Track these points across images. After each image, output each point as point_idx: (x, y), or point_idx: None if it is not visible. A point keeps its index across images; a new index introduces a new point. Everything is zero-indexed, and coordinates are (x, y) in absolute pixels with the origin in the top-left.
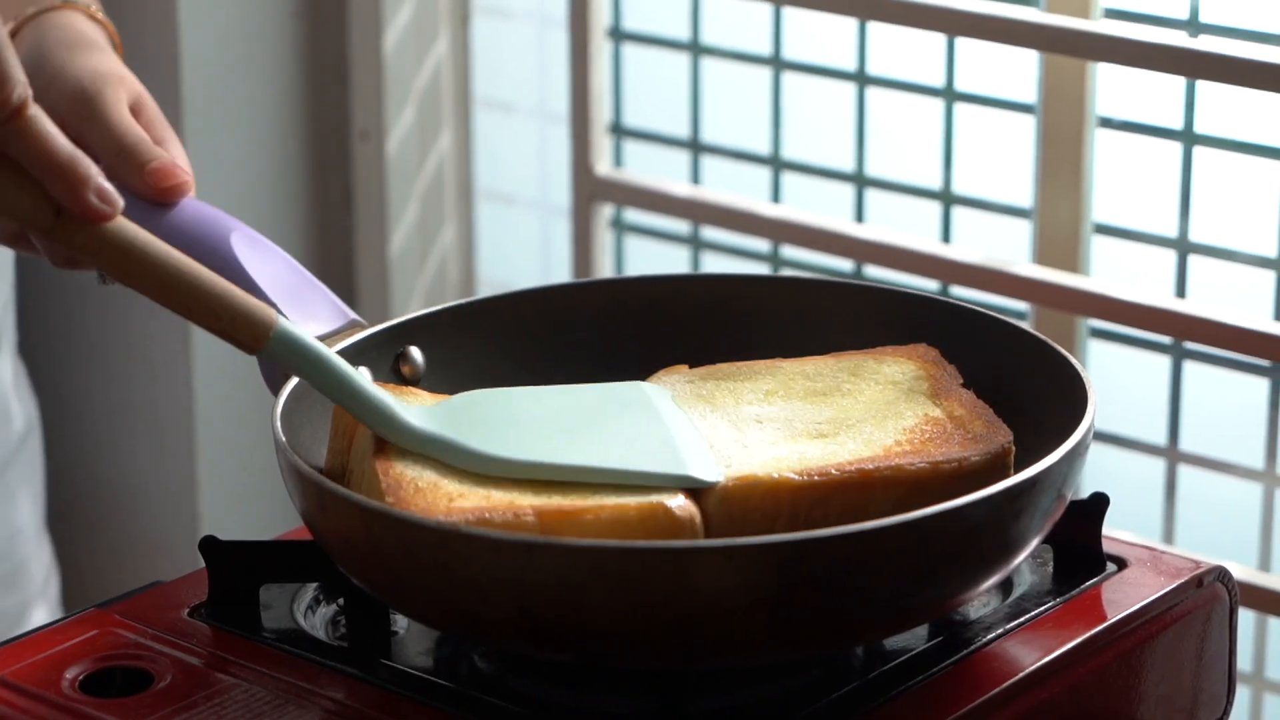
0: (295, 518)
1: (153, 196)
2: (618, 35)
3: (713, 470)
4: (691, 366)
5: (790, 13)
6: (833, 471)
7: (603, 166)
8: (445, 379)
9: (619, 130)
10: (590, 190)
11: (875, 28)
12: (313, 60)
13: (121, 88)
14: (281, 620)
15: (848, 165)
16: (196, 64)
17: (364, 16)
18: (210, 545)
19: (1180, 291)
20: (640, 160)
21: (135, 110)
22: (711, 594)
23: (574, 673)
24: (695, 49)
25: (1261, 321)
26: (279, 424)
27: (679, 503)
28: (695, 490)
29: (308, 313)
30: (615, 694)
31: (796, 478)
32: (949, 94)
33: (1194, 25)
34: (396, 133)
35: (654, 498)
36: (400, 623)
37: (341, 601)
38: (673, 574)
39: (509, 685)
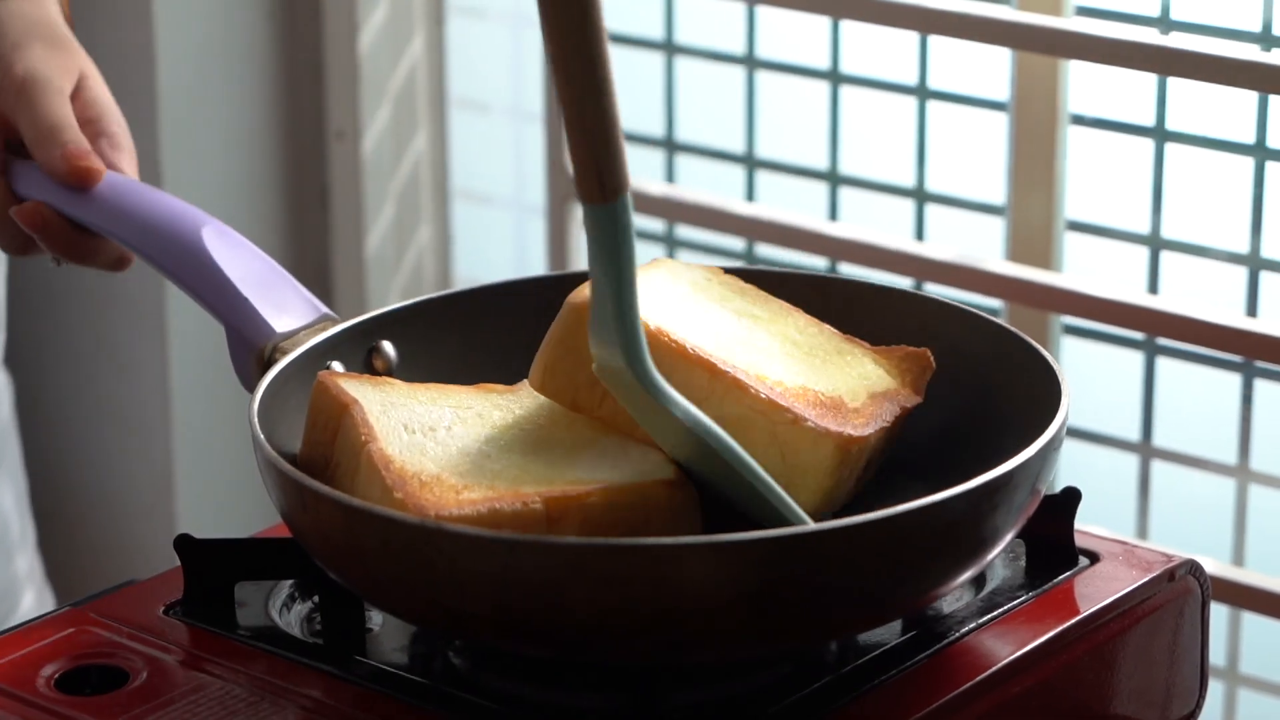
0: (270, 516)
1: (65, 178)
2: None
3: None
4: None
5: (763, 11)
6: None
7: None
8: (418, 373)
9: None
10: (566, 189)
11: (848, 26)
12: (288, 60)
13: (66, 74)
14: (256, 618)
15: (821, 163)
16: (172, 64)
17: (339, 16)
18: (185, 543)
19: (1153, 288)
20: None
21: (74, 93)
22: (691, 591)
23: (547, 669)
24: (669, 48)
25: (1234, 317)
26: (256, 419)
27: (677, 480)
28: None
29: (280, 307)
30: (589, 690)
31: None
32: (922, 92)
33: (1165, 22)
34: (372, 132)
35: (652, 476)
36: (375, 620)
37: (316, 599)
38: (653, 572)
39: (483, 682)
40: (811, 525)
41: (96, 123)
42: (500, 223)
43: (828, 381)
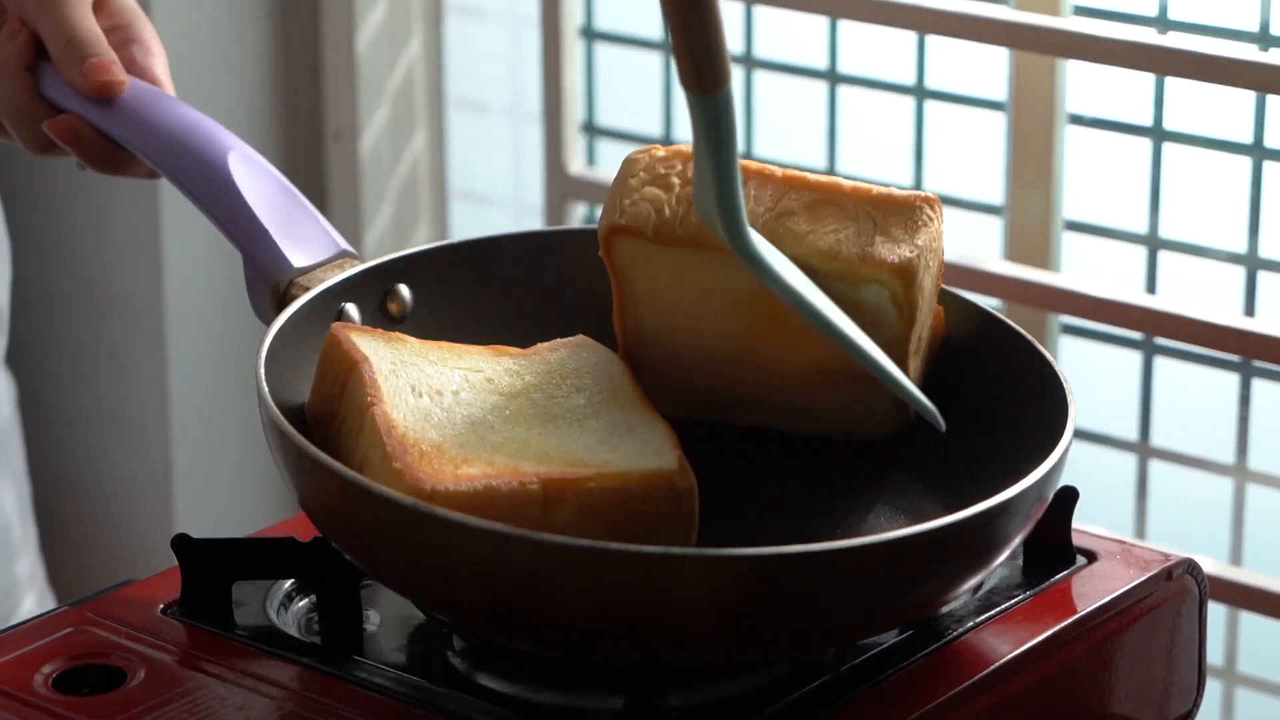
0: (269, 516)
1: (87, 92)
2: (590, 34)
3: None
4: None
5: (761, 11)
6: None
7: (576, 165)
8: (433, 318)
9: (592, 129)
10: (563, 189)
11: (846, 26)
12: (286, 60)
13: None
14: (254, 617)
15: (819, 163)
16: (170, 64)
17: (337, 16)
18: (183, 543)
19: (1151, 287)
20: (613, 159)
21: (98, 5)
22: (680, 599)
23: (545, 669)
24: (667, 48)
25: (1232, 317)
26: (263, 371)
27: (681, 471)
28: None
29: (299, 240)
30: (585, 690)
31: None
32: (920, 92)
33: (1163, 22)
34: (370, 132)
35: (656, 465)
36: (373, 620)
37: (314, 598)
38: (641, 578)
39: (481, 682)
40: (800, 546)
41: (126, 29)
42: (498, 223)
43: None
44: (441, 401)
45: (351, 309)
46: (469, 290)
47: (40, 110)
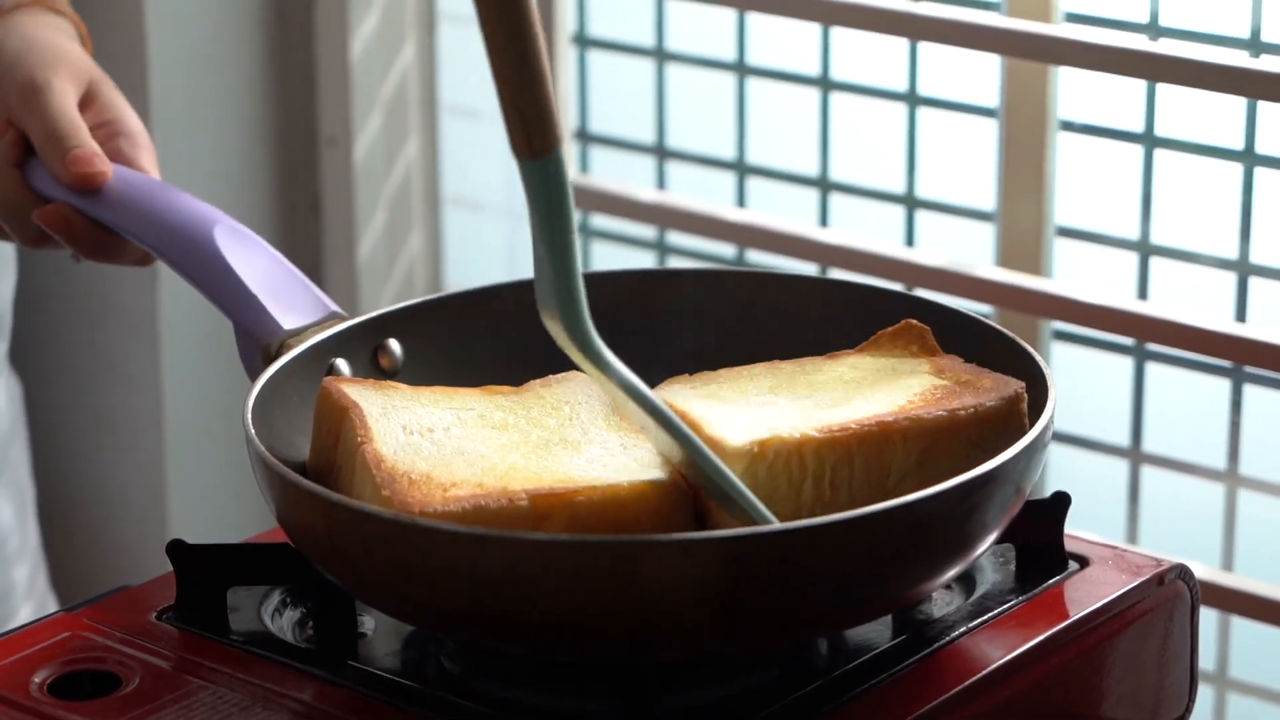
0: (263, 522)
1: (71, 183)
2: (583, 41)
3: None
4: (666, 361)
5: (754, 18)
6: (852, 426)
7: (569, 172)
8: (423, 372)
9: (585, 136)
10: None
11: (838, 33)
12: (280, 67)
13: (72, 80)
14: (249, 623)
15: (812, 169)
16: (164, 71)
17: (331, 23)
18: (178, 549)
19: (1142, 293)
20: (606, 166)
21: (87, 99)
22: (661, 588)
23: (539, 672)
24: (660, 55)
25: (1223, 323)
26: (250, 415)
27: (672, 483)
28: (721, 453)
29: (288, 305)
30: (579, 693)
31: (818, 434)
32: (912, 98)
33: (1154, 29)
34: (364, 139)
35: (645, 476)
36: (367, 624)
37: (309, 604)
38: (622, 568)
39: (475, 686)
40: (779, 525)
41: (114, 124)
42: (491, 229)
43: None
44: (432, 437)
45: (342, 364)
46: (460, 342)
47: (31, 204)
